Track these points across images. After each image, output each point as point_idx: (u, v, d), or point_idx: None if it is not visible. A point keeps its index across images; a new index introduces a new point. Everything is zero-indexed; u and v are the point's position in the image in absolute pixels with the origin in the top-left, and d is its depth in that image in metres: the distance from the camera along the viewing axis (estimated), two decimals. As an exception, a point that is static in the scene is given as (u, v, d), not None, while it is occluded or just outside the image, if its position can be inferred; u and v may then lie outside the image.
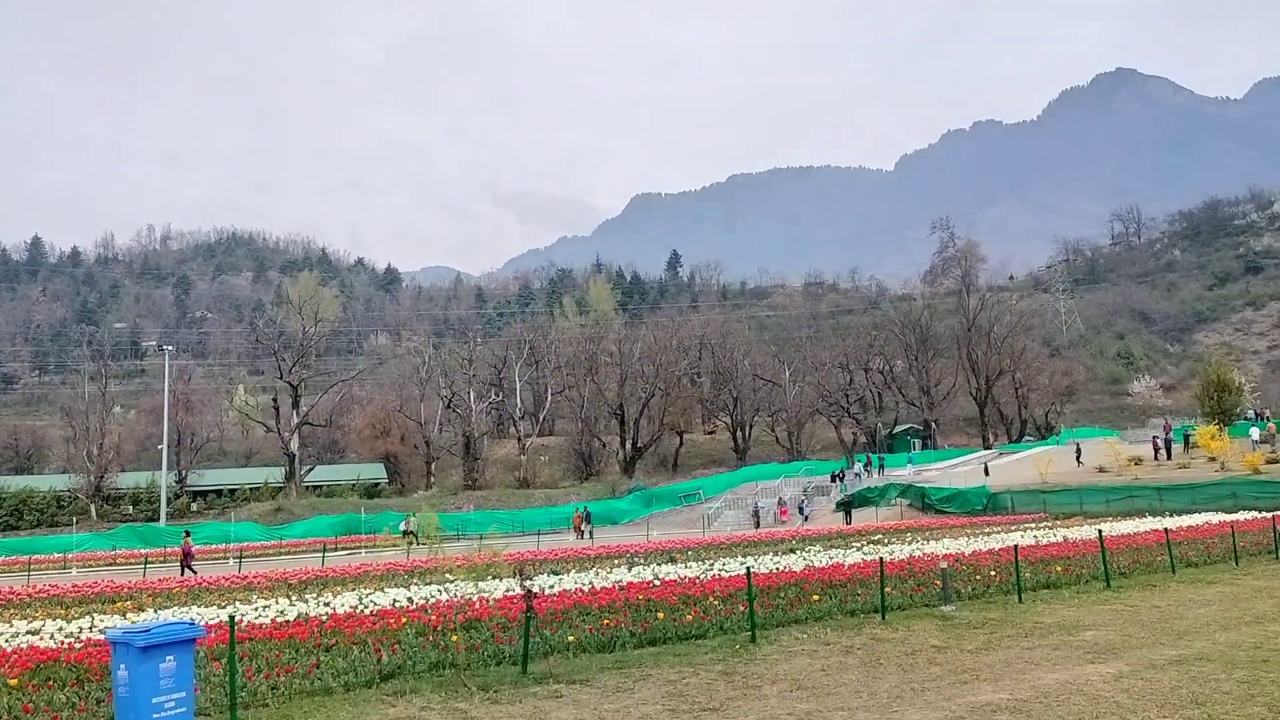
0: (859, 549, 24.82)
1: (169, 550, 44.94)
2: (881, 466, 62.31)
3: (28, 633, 12.37)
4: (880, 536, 30.21)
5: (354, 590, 18.55)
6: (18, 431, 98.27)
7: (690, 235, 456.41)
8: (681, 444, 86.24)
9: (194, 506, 68.26)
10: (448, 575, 21.26)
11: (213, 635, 11.55)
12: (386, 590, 17.49)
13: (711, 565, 20.53)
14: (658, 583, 16.45)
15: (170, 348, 65.59)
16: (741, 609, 12.59)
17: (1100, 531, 18.99)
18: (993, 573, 17.11)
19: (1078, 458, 57.55)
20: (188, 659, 6.78)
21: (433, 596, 15.49)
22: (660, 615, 11.99)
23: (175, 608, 15.52)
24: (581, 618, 12.77)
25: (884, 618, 12.55)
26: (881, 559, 13.68)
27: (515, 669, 9.66)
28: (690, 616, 11.90)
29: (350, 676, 9.29)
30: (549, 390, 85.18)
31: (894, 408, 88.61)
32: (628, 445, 77.89)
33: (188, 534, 32.23)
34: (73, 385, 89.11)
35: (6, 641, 11.20)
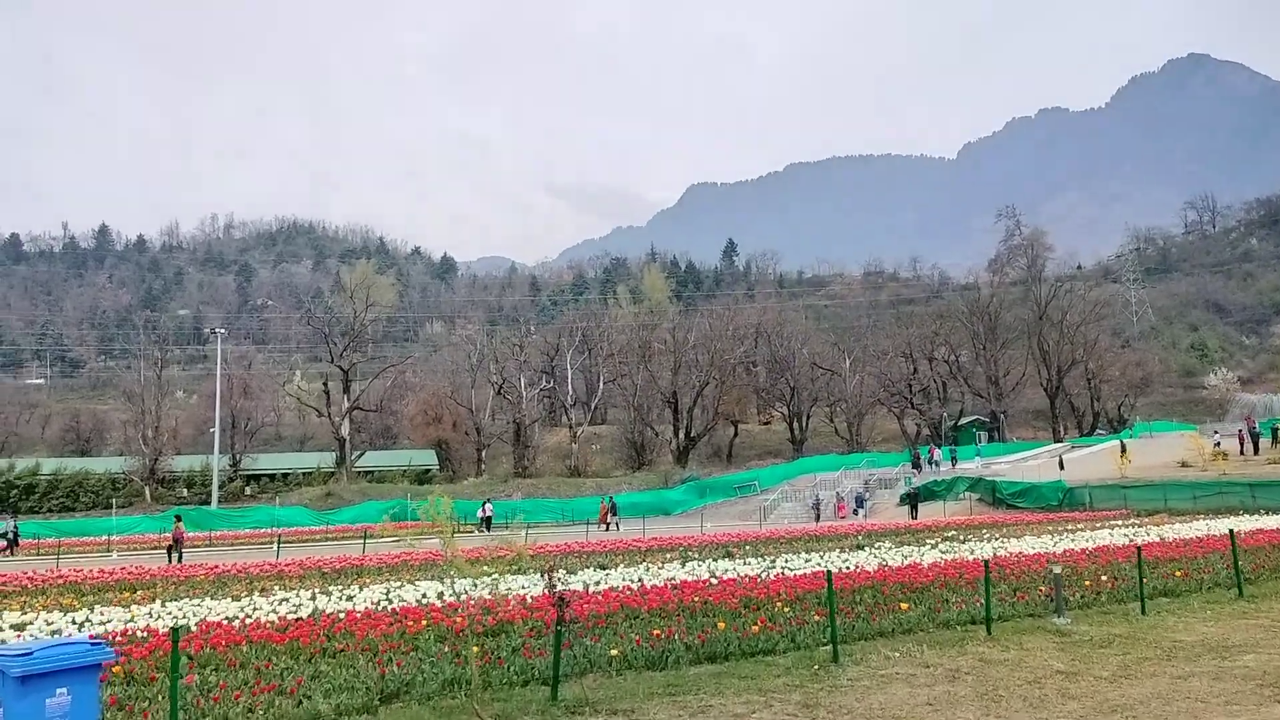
0: (933, 546, 22.80)
1: (215, 534, 44.35)
2: (954, 459, 59.58)
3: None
4: (954, 533, 28.08)
5: (385, 582, 17.09)
6: (79, 414, 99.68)
7: (746, 225, 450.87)
8: (736, 434, 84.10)
9: (247, 490, 68.01)
10: (485, 568, 19.72)
11: (217, 635, 10.02)
12: (418, 583, 15.99)
13: (773, 562, 18.70)
14: (715, 582, 14.67)
15: (224, 331, 65.37)
16: (817, 618, 10.74)
17: (1232, 531, 16.68)
18: (1103, 577, 14.99)
19: (1123, 452, 54.54)
20: (88, 690, 5.11)
21: (464, 593, 13.90)
22: (721, 624, 10.15)
23: (189, 599, 14.10)
24: (628, 624, 11.01)
25: (990, 632, 10.58)
26: (986, 563, 11.71)
27: (544, 692, 7.92)
28: (756, 627, 10.03)
29: (345, 696, 7.64)
30: (601, 378, 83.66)
31: (959, 399, 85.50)
32: (681, 434, 76.05)
33: (179, 519, 30.89)
34: (135, 370, 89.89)
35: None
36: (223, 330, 64.76)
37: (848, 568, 17.06)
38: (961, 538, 25.76)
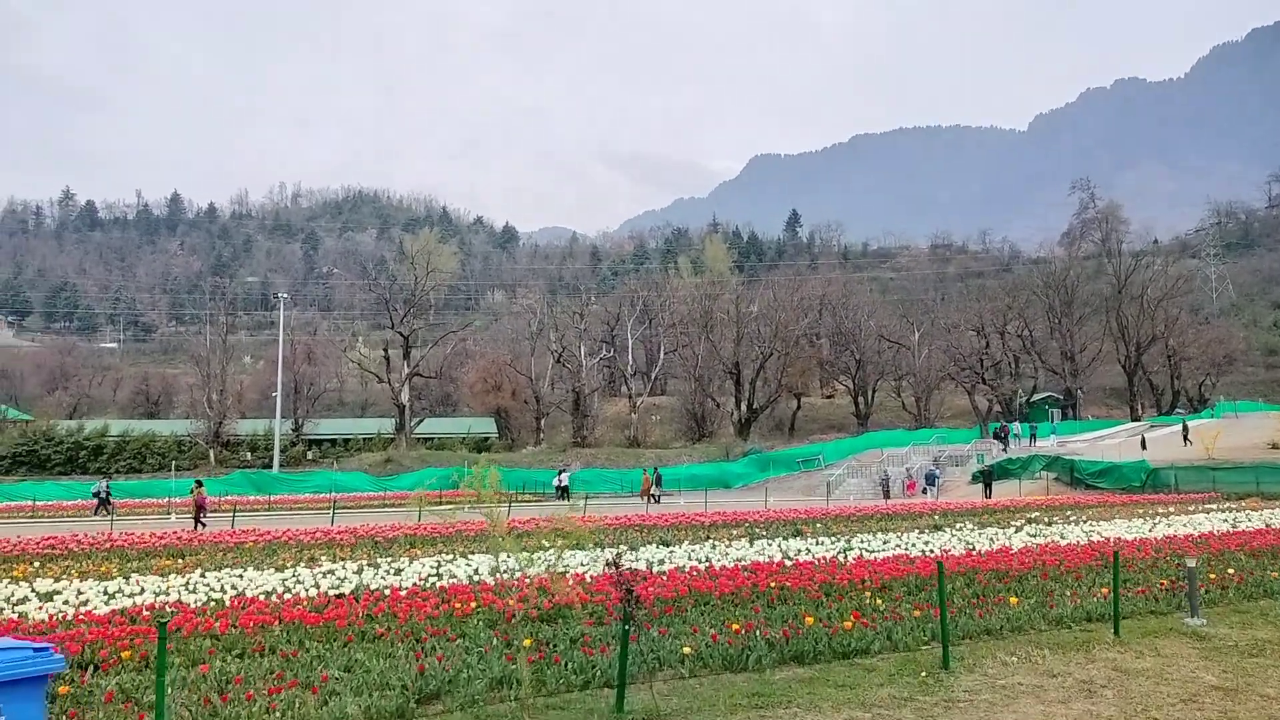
0: (1019, 528, 21.32)
1: (275, 498, 44.33)
2: (1033, 436, 57.31)
3: None
4: (1037, 514, 26.49)
5: (437, 554, 16.21)
6: (149, 378, 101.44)
7: (810, 197, 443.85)
8: (799, 407, 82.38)
9: (309, 455, 68.36)
10: (544, 541, 18.76)
11: (247, 614, 9.09)
12: (471, 557, 15.06)
13: (848, 543, 17.44)
14: (790, 564, 13.46)
15: (286, 296, 65.46)
16: (916, 613, 9.45)
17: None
18: (1230, 570, 13.45)
19: (1185, 437, 52.04)
20: (31, 708, 4.08)
21: (517, 570, 12.88)
22: (808, 618, 8.92)
23: (232, 569, 13.31)
24: (698, 611, 9.87)
25: (1117, 633, 9.20)
26: (1117, 554, 10.29)
27: (607, 699, 6.79)
28: (849, 623, 8.77)
29: (376, 697, 6.59)
30: (662, 348, 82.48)
31: (1032, 375, 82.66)
32: (743, 406, 74.64)
33: (199, 484, 29.35)
34: (204, 335, 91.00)
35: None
36: (286, 295, 64.79)
37: (930, 551, 15.76)
38: (1046, 519, 24.23)
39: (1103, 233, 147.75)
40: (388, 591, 10.78)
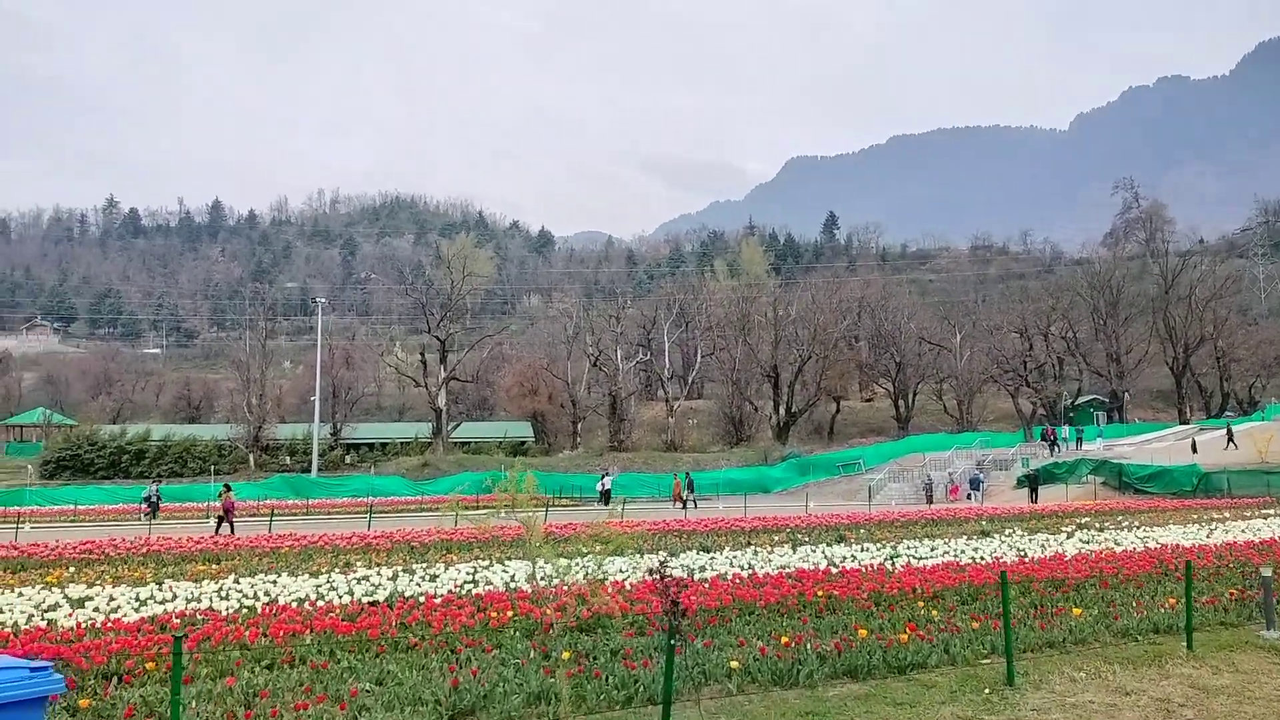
0: (1069, 534, 20.68)
1: (313, 502, 44.45)
2: (1079, 439, 56.10)
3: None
4: (1087, 519, 25.76)
5: (474, 560, 15.90)
6: (190, 383, 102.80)
7: (847, 199, 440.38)
8: (838, 410, 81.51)
9: (347, 459, 68.68)
10: (582, 547, 18.36)
11: (278, 623, 8.83)
12: (508, 563, 14.76)
13: (894, 549, 16.94)
14: (836, 572, 13.01)
15: (324, 300, 65.82)
16: (974, 624, 8.97)
17: None
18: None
19: (1230, 440, 50.56)
20: (27, 733, 3.78)
21: (555, 577, 12.58)
22: (860, 630, 8.48)
23: (267, 574, 13.11)
24: (743, 621, 9.47)
25: (1190, 647, 8.66)
26: (1190, 564, 9.74)
27: (651, 715, 6.41)
28: (905, 635, 8.33)
29: (409, 713, 6.27)
30: (699, 351, 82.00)
31: (1077, 377, 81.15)
32: (781, 410, 73.95)
33: (228, 488, 29.52)
34: (244, 340, 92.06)
35: None
36: (323, 300, 65.17)
37: (980, 558, 15.21)
38: (1098, 525, 23.54)
39: (1147, 232, 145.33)
40: (422, 599, 10.50)
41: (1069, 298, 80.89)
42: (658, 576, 6.44)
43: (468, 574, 13.02)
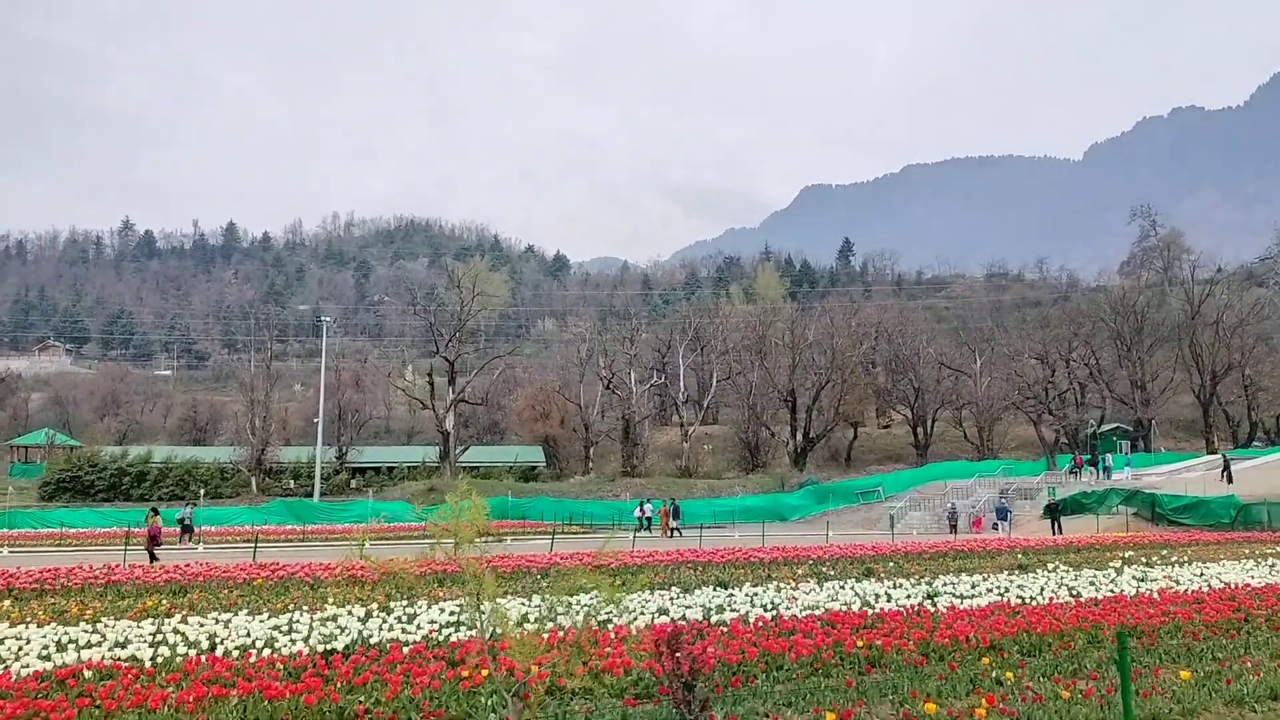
0: (1117, 570, 18.91)
1: (310, 528, 42.88)
2: (1107, 469, 53.97)
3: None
4: (1130, 552, 23.92)
5: (462, 595, 14.23)
6: (197, 405, 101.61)
7: (862, 227, 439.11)
8: (856, 437, 79.56)
9: (352, 483, 67.25)
10: (584, 581, 16.77)
11: (206, 677, 7.24)
12: (500, 600, 13.12)
13: (931, 585, 15.25)
14: (873, 614, 11.34)
15: (329, 319, 64.59)
16: (1064, 693, 7.24)
17: None
18: None
19: (1224, 473, 48.17)
20: None
21: (553, 616, 10.96)
22: (929, 706, 6.77)
23: (220, 612, 11.52)
24: (771, 680, 7.82)
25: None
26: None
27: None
28: (982, 709, 6.61)
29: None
30: (714, 375, 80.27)
31: (1099, 405, 79.03)
32: (798, 436, 72.12)
33: (155, 512, 27.14)
34: (249, 361, 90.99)
35: None
36: (329, 319, 63.87)
37: (1030, 598, 13.47)
38: (1144, 559, 21.74)
39: (1164, 261, 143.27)
40: (389, 646, 8.90)
41: (1091, 323, 78.97)
42: (669, 651, 4.83)
43: (452, 613, 11.42)
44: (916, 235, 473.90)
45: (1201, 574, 17.77)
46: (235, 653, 8.77)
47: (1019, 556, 23.02)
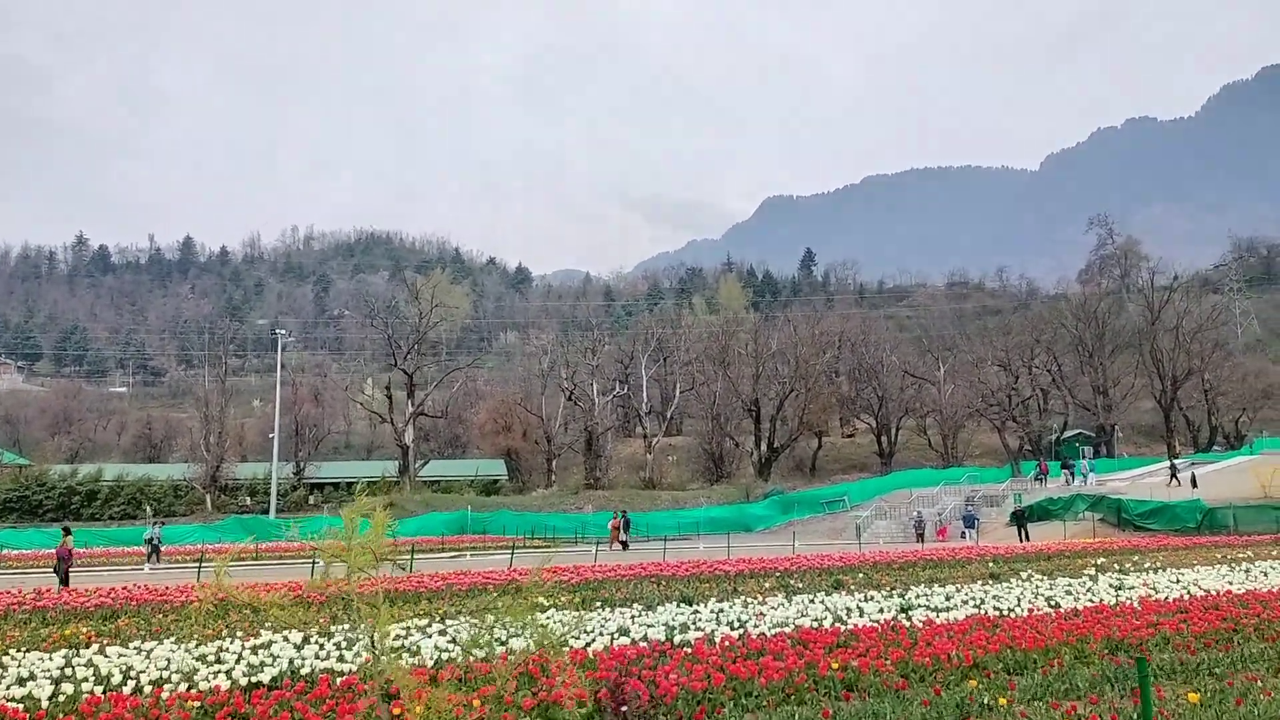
0: (1091, 578, 18.46)
1: (264, 545, 41.58)
2: (1085, 474, 53.87)
3: None
4: (1103, 559, 23.53)
5: (413, 618, 13.39)
6: (152, 422, 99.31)
7: (823, 238, 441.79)
8: (820, 446, 79.30)
9: (310, 499, 65.76)
10: (540, 599, 15.91)
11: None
12: (449, 623, 12.30)
13: (903, 597, 14.64)
14: (847, 629, 10.69)
15: (284, 332, 63.10)
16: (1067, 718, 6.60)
17: None
18: None
19: (1172, 477, 49.19)
20: None
21: (489, 645, 10.21)
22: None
23: (141, 641, 10.61)
24: (740, 710, 7.13)
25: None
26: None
27: None
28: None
29: None
30: (678, 386, 79.70)
31: (1061, 411, 79.51)
32: (763, 446, 71.68)
33: (67, 532, 25.51)
34: (205, 377, 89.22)
35: None
36: (284, 331, 62.41)
37: (1008, 610, 12.89)
38: (1117, 565, 21.34)
39: (1122, 268, 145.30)
40: (319, 678, 8.10)
41: (1052, 330, 79.52)
42: (609, 700, 4.12)
43: (399, 635, 10.63)
44: (877, 246, 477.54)
45: (1178, 581, 17.37)
46: (148, 688, 7.92)
47: (990, 565, 22.56)
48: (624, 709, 3.96)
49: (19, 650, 10.02)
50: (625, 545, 39.21)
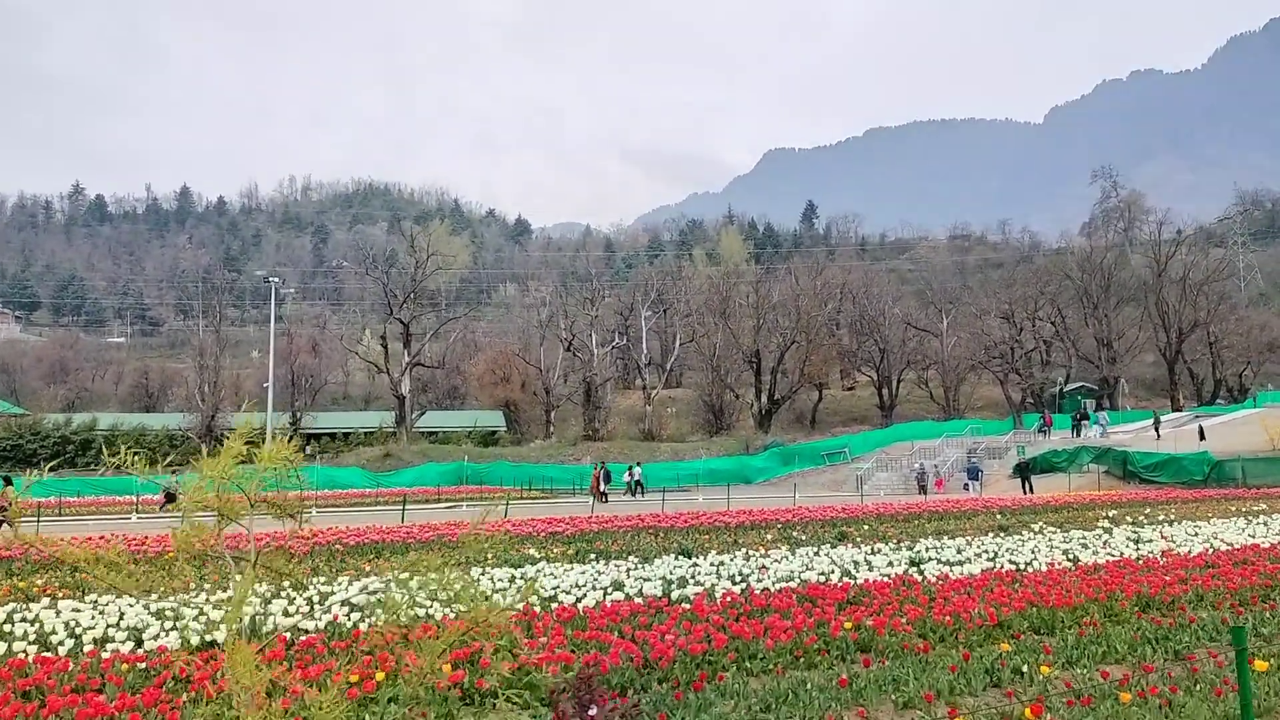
0: (1106, 530, 17.80)
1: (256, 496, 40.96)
2: (1102, 425, 53.43)
3: None
4: (1114, 511, 22.89)
5: (394, 569, 12.61)
6: (149, 372, 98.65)
7: (825, 191, 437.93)
8: (821, 399, 78.59)
9: (306, 449, 65.20)
10: (533, 551, 15.20)
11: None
12: (431, 575, 11.55)
13: (911, 549, 13.96)
14: (858, 585, 9.95)
15: (278, 280, 62.01)
16: (1122, 693, 5.77)
17: None
18: None
19: (1156, 430, 49.38)
20: None
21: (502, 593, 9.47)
22: (951, 715, 5.32)
23: (98, 596, 9.87)
24: (744, 676, 6.38)
25: None
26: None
27: None
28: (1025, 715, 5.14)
29: None
30: (677, 338, 78.82)
31: (1065, 364, 78.72)
32: (763, 398, 71.02)
33: (8, 482, 23.83)
34: (200, 326, 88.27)
35: None
36: (277, 280, 61.36)
37: (1026, 563, 12.15)
38: (1129, 518, 20.69)
39: (1125, 221, 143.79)
40: (277, 638, 7.37)
41: (1057, 282, 78.46)
42: (573, 695, 3.32)
43: (372, 592, 9.91)
44: (880, 198, 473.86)
45: (1197, 534, 16.70)
46: (90, 647, 7.18)
47: (997, 517, 21.95)
48: (591, 715, 3.15)
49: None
50: (604, 496, 38.53)
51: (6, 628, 7.98)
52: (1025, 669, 6.35)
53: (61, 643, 7.45)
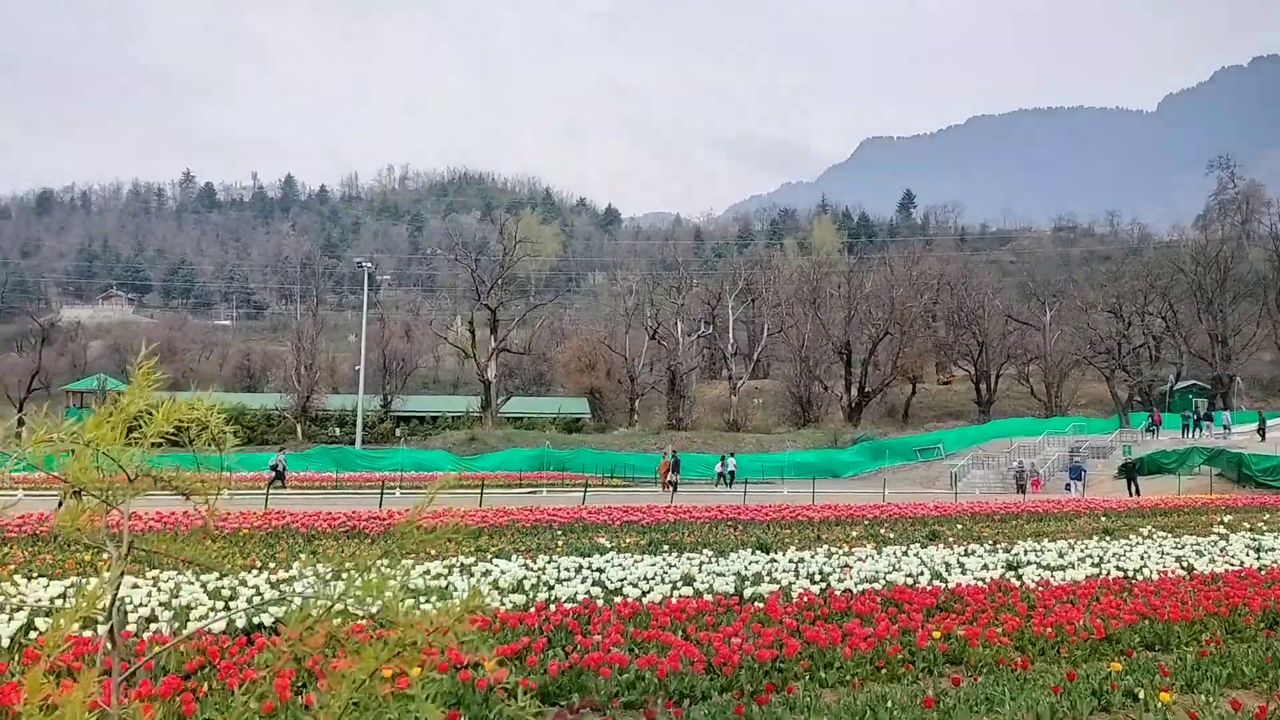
0: (1222, 537, 16.48)
1: (345, 475, 41.73)
2: (1227, 426, 50.86)
3: None
4: (1230, 517, 21.35)
5: (469, 554, 12.25)
6: (252, 354, 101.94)
7: (924, 180, 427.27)
8: (914, 393, 76.51)
9: (397, 431, 66.33)
10: (603, 541, 14.73)
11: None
12: (497, 562, 11.13)
13: (1010, 553, 13.03)
14: (949, 590, 9.17)
15: (372, 266, 63.11)
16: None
17: None
18: None
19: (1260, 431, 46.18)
20: None
21: (526, 584, 9.02)
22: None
23: (161, 571, 9.72)
24: (815, 687, 5.73)
25: None
26: None
27: None
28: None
29: None
30: (765, 329, 77.62)
31: (1175, 361, 75.10)
32: (853, 390, 69.46)
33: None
34: (295, 310, 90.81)
35: None
36: (371, 265, 62.43)
37: (1137, 571, 11.13)
38: (1246, 524, 19.23)
39: (1243, 214, 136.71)
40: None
41: (1168, 276, 74.77)
42: None
43: (436, 575, 9.54)
44: (981, 189, 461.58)
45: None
46: (41, 628, 6.82)
47: (1102, 519, 20.67)
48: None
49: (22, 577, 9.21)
50: (675, 486, 37.77)
51: (58, 603, 7.80)
52: (1140, 693, 5.56)
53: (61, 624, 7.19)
